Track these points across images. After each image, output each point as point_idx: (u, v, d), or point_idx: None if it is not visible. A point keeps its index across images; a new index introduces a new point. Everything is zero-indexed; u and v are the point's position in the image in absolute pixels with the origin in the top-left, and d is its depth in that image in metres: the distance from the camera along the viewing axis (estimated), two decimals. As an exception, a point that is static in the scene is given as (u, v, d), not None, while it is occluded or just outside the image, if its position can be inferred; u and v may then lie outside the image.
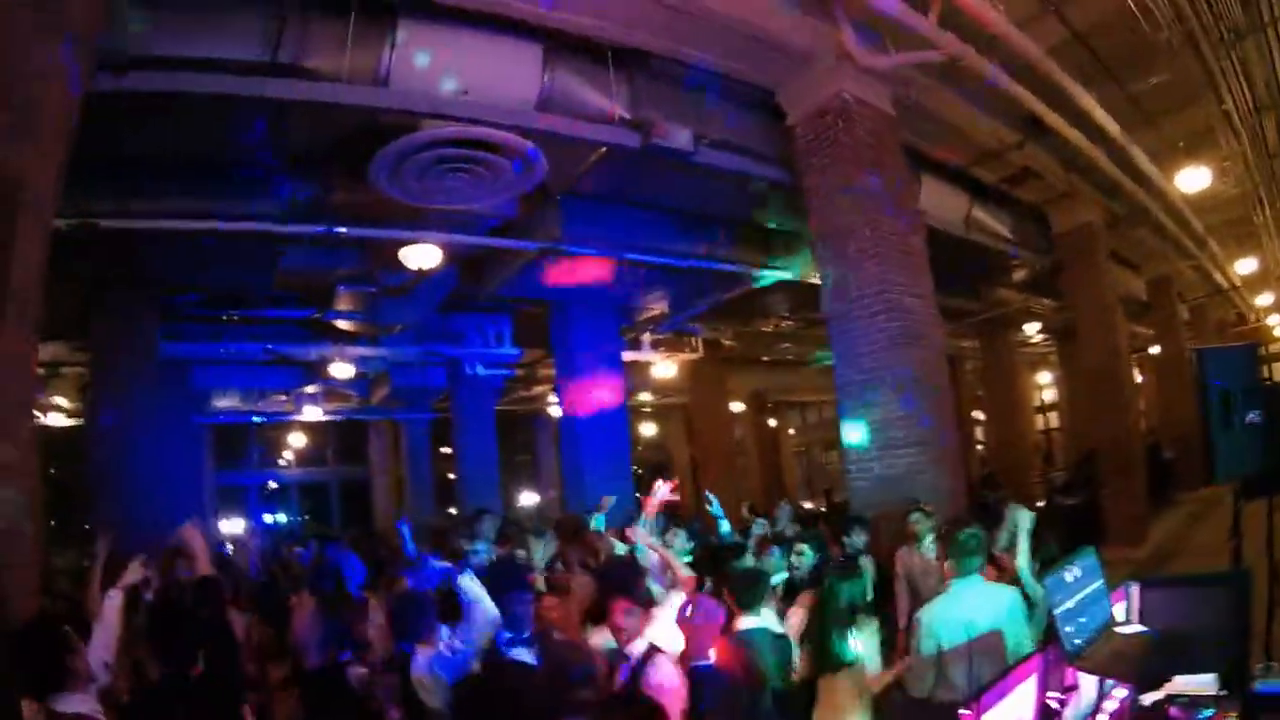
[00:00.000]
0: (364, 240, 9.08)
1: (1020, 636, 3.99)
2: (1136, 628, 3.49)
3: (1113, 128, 9.19)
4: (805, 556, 5.94)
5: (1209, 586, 3.73)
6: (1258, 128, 10.34)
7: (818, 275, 8.12)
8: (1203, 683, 3.20)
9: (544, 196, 8.93)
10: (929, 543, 6.05)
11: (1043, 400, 30.97)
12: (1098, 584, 3.32)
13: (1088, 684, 3.13)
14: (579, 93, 6.96)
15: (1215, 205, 14.05)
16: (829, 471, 33.19)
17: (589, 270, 10.61)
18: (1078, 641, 3.04)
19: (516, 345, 14.82)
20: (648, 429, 27.36)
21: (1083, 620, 3.13)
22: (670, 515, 8.22)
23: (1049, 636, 3.13)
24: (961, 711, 2.34)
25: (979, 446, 24.32)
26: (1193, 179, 12.11)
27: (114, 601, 4.18)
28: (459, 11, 6.07)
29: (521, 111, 6.80)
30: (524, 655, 3.96)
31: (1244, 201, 13.93)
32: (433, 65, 6.23)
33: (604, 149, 7.73)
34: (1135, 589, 3.68)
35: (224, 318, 12.76)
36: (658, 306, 13.96)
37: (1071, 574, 3.20)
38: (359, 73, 6.07)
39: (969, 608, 4.04)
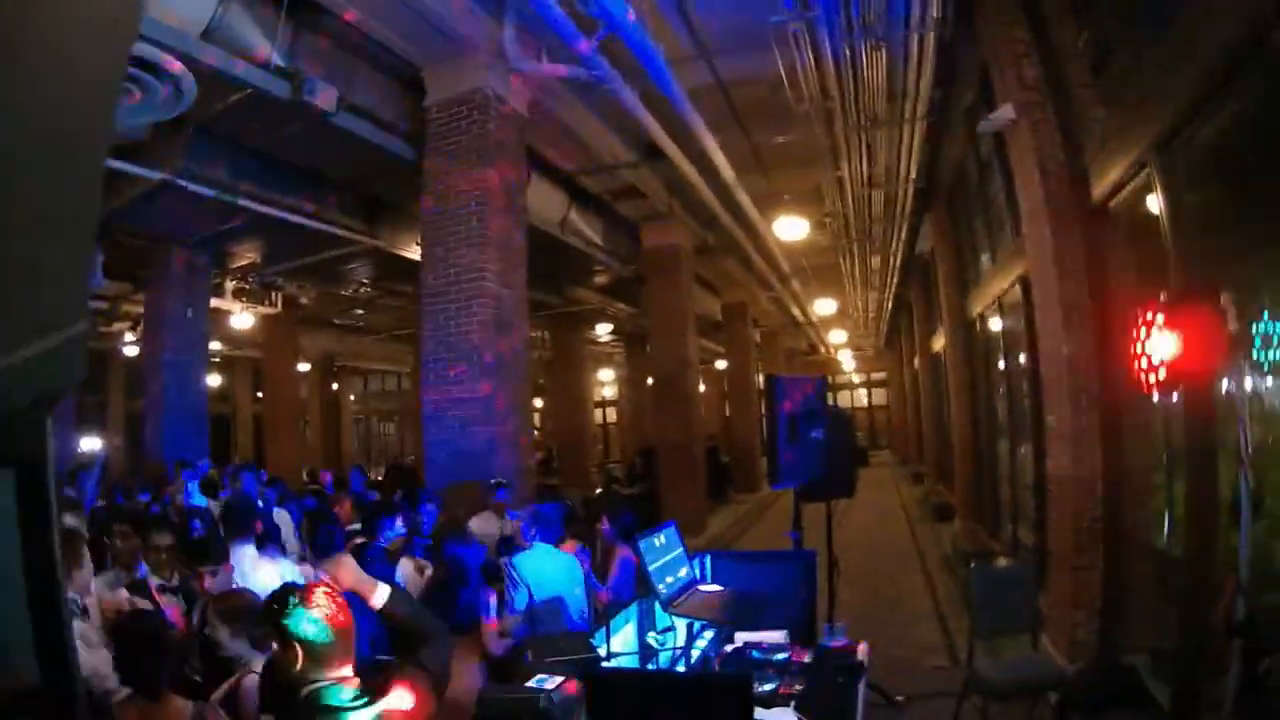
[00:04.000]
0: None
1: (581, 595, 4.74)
2: (717, 586, 4.21)
3: (728, 174, 9.59)
4: None
5: (779, 562, 4.65)
6: (865, 198, 11.51)
7: (414, 250, 8.14)
8: (775, 636, 3.94)
9: (175, 126, 8.09)
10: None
11: (603, 396, 33.24)
12: (679, 550, 3.97)
13: (680, 626, 3.80)
14: (245, 30, 6.53)
15: (805, 249, 15.42)
16: (385, 441, 34.17)
17: (198, 209, 9.69)
18: (669, 593, 3.64)
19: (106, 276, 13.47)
20: (213, 380, 25.47)
21: (670, 578, 3.73)
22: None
23: (645, 588, 3.74)
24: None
25: (535, 432, 26.09)
26: (790, 229, 13.09)
27: None
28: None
29: (189, 39, 6.18)
30: None
31: (834, 251, 15.37)
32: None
33: (248, 90, 7.08)
34: (708, 559, 4.46)
35: None
36: (250, 256, 13.39)
37: (659, 539, 3.83)
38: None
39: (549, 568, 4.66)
